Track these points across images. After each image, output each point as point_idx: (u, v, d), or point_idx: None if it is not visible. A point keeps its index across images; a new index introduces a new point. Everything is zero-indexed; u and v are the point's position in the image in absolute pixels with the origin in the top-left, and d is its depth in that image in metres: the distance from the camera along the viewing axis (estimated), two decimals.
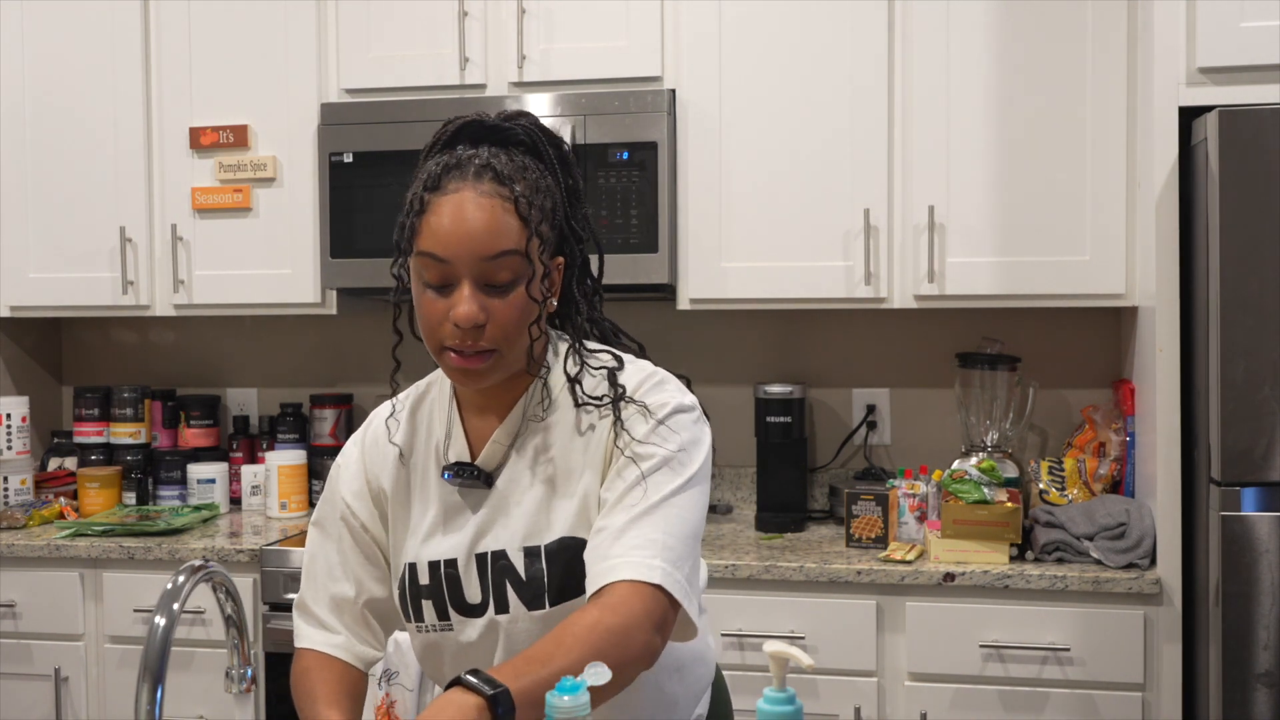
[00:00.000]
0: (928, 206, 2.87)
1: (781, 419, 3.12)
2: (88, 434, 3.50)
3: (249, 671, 1.51)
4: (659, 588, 1.36)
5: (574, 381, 1.49)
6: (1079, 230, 2.82)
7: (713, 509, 3.33)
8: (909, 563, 2.66)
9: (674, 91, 2.98)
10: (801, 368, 3.32)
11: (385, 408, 1.63)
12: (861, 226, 2.90)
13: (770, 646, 1.42)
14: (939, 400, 3.25)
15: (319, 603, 1.60)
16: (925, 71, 2.88)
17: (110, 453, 3.49)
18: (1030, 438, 3.20)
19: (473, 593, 1.50)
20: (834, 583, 2.66)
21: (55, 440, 3.53)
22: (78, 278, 3.28)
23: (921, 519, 2.82)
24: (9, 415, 3.29)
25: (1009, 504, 2.69)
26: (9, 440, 3.29)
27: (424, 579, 1.52)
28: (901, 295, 2.91)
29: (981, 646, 2.61)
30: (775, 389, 3.12)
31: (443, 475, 1.52)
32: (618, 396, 1.47)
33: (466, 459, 1.53)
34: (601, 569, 1.38)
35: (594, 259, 1.56)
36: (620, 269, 2.96)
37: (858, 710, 2.64)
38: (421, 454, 1.57)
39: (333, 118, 3.09)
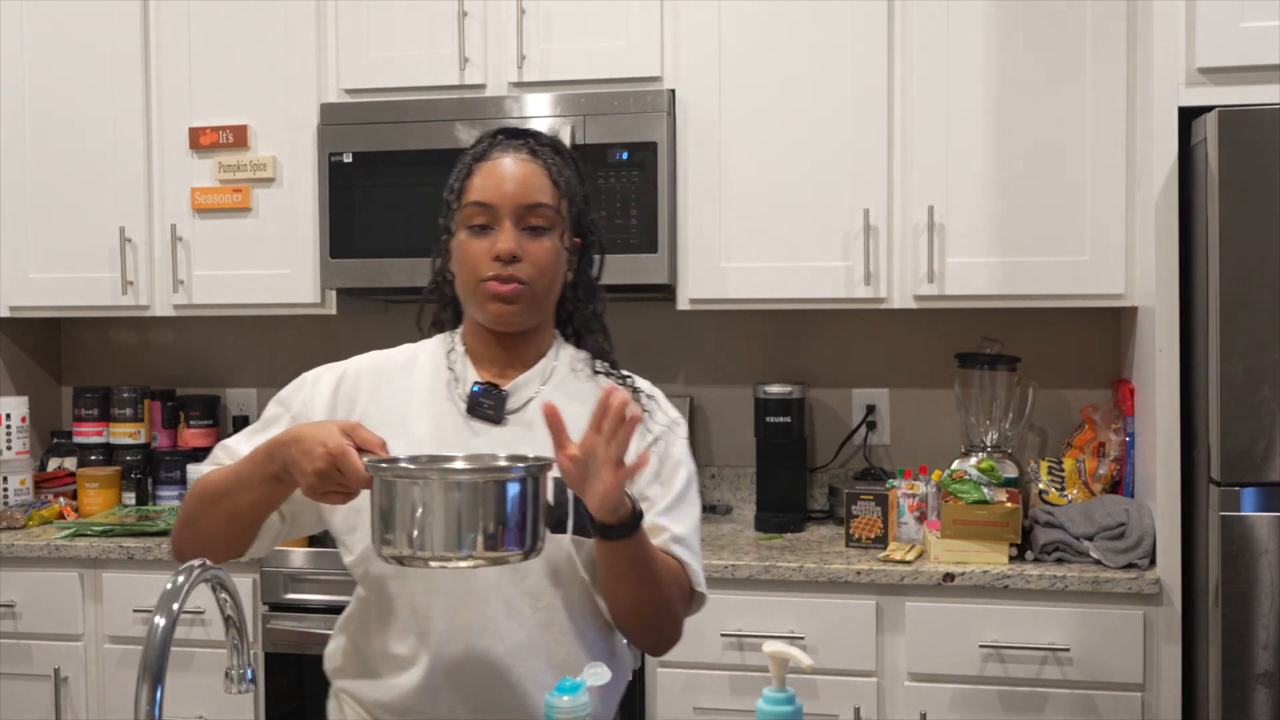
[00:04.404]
0: (927, 206, 2.87)
1: (781, 419, 3.12)
2: (87, 434, 3.50)
3: (249, 672, 1.51)
4: (696, 595, 1.67)
5: (597, 355, 1.72)
6: (1079, 230, 2.82)
7: (712, 509, 3.33)
8: (908, 563, 2.66)
9: (674, 92, 2.98)
10: (801, 368, 3.32)
11: (378, 353, 1.73)
12: (861, 226, 2.90)
13: (770, 647, 1.42)
14: (939, 400, 3.24)
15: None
16: (925, 71, 2.88)
17: (110, 453, 3.49)
18: (1030, 438, 3.20)
19: None
20: (833, 583, 2.66)
21: (55, 440, 3.53)
22: (78, 278, 3.28)
23: (921, 519, 2.82)
24: (9, 415, 3.29)
25: (1008, 504, 2.69)
26: (9, 440, 3.29)
27: None
28: (901, 295, 2.91)
29: (981, 647, 2.61)
30: (775, 389, 3.13)
31: (473, 389, 1.64)
32: (635, 388, 1.70)
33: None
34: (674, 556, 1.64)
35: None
36: (620, 269, 2.95)
37: (857, 710, 2.64)
38: (417, 390, 1.67)
39: (332, 118, 3.09)
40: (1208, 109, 2.47)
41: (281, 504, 1.58)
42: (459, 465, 1.44)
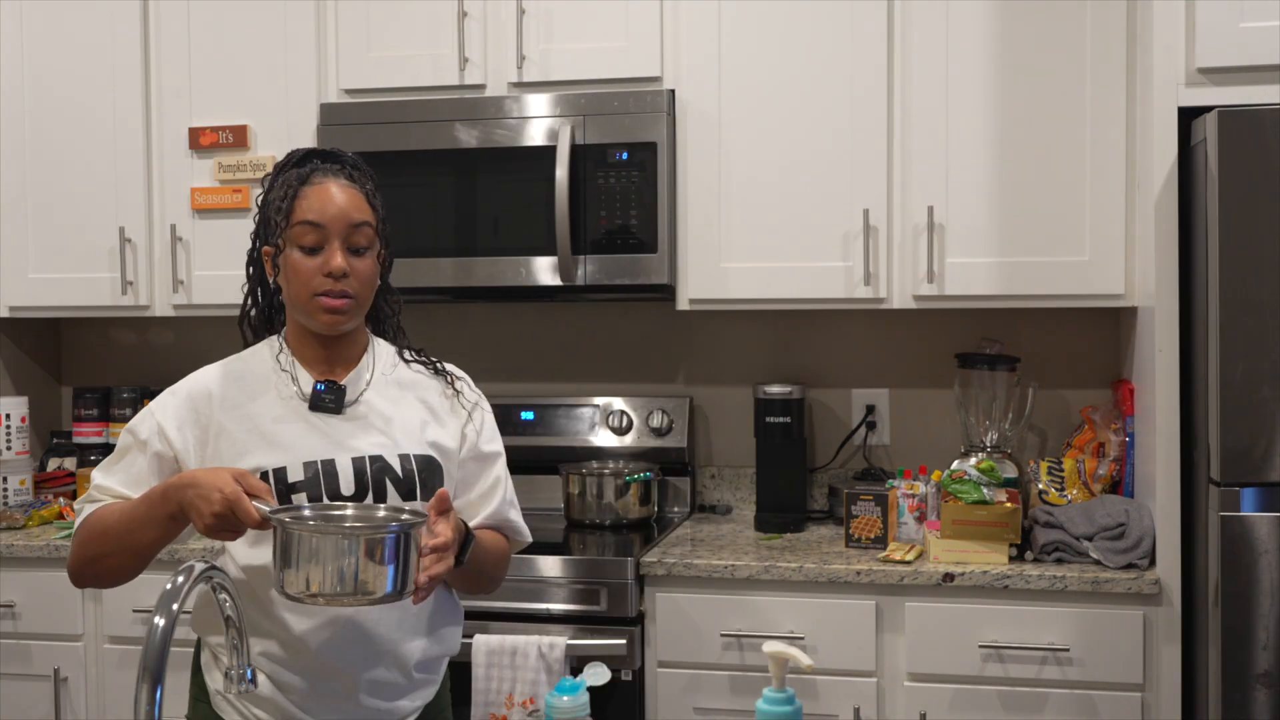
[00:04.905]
0: (927, 207, 2.87)
1: (781, 419, 3.12)
2: (87, 434, 3.50)
3: (249, 671, 1.51)
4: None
5: (407, 347, 1.98)
6: (1078, 230, 2.82)
7: (712, 509, 3.34)
8: (908, 563, 2.67)
9: (673, 92, 2.98)
10: (801, 368, 3.32)
11: (213, 366, 1.91)
12: (861, 227, 2.90)
13: (769, 647, 1.42)
14: (938, 400, 3.24)
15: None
16: (924, 72, 2.88)
17: (109, 453, 3.49)
18: (1029, 438, 3.20)
19: (347, 486, 1.82)
20: (833, 583, 2.66)
21: (55, 440, 3.53)
22: (77, 278, 3.28)
23: (921, 519, 2.82)
24: (9, 415, 3.29)
25: (1008, 504, 2.69)
26: (8, 441, 3.29)
27: (297, 476, 1.80)
28: (901, 295, 2.91)
29: (981, 647, 2.61)
30: (775, 389, 3.13)
31: (316, 387, 1.85)
32: (441, 369, 1.97)
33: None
34: (509, 519, 1.97)
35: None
36: (619, 269, 2.96)
37: (857, 711, 2.64)
38: (260, 395, 1.85)
39: (332, 118, 3.09)
40: (1208, 109, 2.47)
41: (176, 537, 1.79)
42: (349, 513, 1.70)
